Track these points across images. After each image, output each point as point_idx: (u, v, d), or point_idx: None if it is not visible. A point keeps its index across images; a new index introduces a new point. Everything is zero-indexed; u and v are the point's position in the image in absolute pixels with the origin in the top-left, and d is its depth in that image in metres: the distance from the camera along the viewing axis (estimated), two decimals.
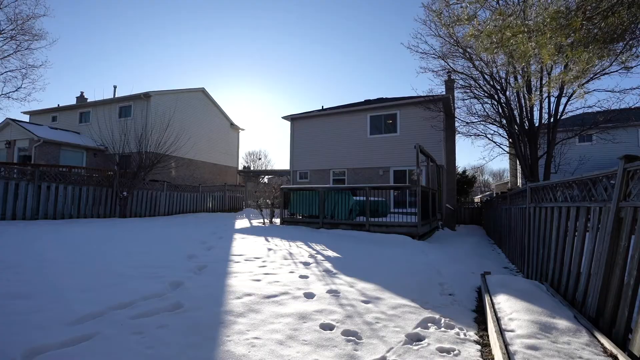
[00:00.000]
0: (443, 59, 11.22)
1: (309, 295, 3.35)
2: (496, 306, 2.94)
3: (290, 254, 5.48)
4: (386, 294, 3.55)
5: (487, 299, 3.21)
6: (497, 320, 2.63)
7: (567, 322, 2.53)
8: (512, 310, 2.76)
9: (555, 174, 10.96)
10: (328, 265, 4.77)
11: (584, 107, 10.32)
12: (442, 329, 2.80)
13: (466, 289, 4.09)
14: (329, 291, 3.52)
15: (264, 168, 42.46)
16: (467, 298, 3.76)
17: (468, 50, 10.61)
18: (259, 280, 3.75)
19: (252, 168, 39.57)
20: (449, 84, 13.75)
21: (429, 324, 2.86)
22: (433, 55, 11.31)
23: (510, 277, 4.08)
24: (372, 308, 3.10)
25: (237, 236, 7.29)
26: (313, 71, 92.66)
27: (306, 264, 4.81)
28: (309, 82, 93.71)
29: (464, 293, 3.93)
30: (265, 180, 25.32)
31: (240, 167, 30.68)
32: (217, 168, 22.27)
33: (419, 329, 2.74)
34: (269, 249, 5.79)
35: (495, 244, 9.88)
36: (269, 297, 3.22)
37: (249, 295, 3.22)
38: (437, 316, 3.03)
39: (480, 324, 3.01)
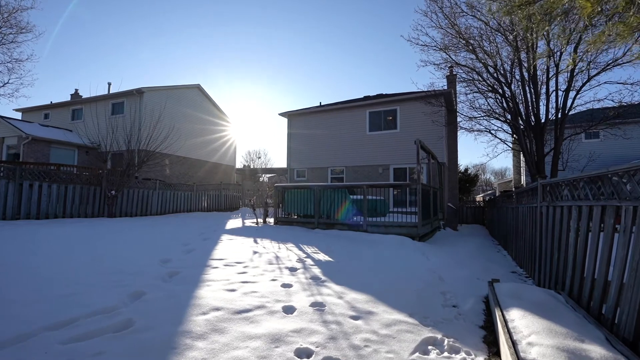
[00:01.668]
0: (444, 51, 10.71)
1: (289, 310, 2.86)
2: (510, 325, 2.45)
3: (277, 257, 5.00)
4: (380, 307, 3.06)
5: (497, 313, 2.72)
6: (514, 345, 2.14)
7: (600, 348, 2.04)
8: (530, 332, 2.27)
9: (563, 171, 10.43)
10: (317, 271, 4.28)
11: (593, 101, 9.80)
12: (445, 353, 2.31)
13: (472, 299, 3.61)
14: (313, 304, 3.03)
15: (263, 167, 41.94)
16: (473, 310, 3.27)
17: (470, 41, 10.11)
18: (233, 291, 3.26)
19: (251, 167, 39.06)
20: (451, 78, 13.24)
21: (430, 347, 2.37)
22: (434, 48, 10.81)
23: (522, 285, 3.58)
24: (361, 326, 2.62)
25: (224, 237, 6.81)
26: (313, 69, 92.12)
27: (292, 269, 4.33)
28: (309, 80, 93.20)
29: (470, 304, 3.44)
30: (266, 179, 24.88)
31: (240, 166, 30.21)
32: (214, 166, 21.77)
33: (417, 354, 2.25)
34: (255, 252, 5.30)
35: (500, 245, 9.37)
36: (240, 312, 2.73)
37: (217, 310, 2.73)
38: (439, 336, 2.54)
39: (491, 346, 2.53)
